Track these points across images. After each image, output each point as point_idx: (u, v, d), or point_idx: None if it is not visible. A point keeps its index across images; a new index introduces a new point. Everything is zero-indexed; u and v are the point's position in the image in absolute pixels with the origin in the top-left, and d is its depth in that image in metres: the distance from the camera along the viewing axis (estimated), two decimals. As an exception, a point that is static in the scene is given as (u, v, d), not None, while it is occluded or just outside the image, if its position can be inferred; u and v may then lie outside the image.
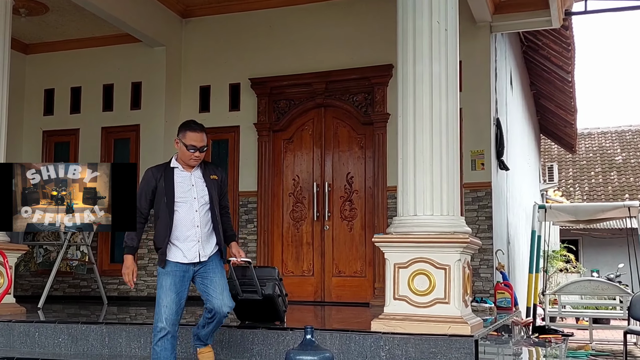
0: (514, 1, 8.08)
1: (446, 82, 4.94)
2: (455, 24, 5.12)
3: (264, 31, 9.04)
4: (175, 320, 4.35)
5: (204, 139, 4.52)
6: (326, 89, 8.73)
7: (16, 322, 5.69)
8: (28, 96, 9.83)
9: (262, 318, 5.34)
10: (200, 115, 9.13)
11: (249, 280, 5.19)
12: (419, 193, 4.87)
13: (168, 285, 4.37)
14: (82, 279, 9.09)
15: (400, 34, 5.10)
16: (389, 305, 4.84)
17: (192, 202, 4.47)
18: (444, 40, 4.95)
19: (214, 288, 4.46)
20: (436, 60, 4.92)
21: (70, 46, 9.68)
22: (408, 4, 5.03)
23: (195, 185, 4.51)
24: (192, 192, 4.49)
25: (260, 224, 8.82)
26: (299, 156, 8.89)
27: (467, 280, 4.89)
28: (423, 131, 4.89)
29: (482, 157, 8.12)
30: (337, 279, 8.56)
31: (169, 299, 4.33)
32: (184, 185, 4.49)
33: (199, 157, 4.50)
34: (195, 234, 4.44)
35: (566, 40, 10.83)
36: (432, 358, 4.49)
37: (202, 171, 4.57)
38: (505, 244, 9.36)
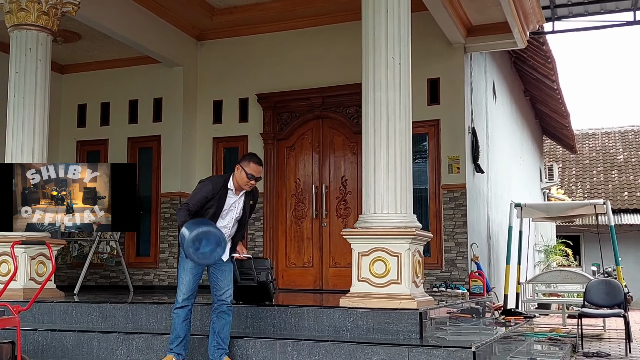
0: (482, 26, 9.14)
1: (400, 106, 6.07)
2: (407, 59, 6.24)
3: (269, 52, 10.16)
4: (191, 296, 5.40)
5: (261, 172, 5.49)
6: (323, 102, 9.85)
7: (57, 303, 6.94)
8: (64, 110, 11.06)
9: (255, 300, 6.38)
10: (214, 126, 10.35)
11: (247, 270, 6.21)
12: (377, 195, 6.01)
13: (188, 268, 5.37)
14: (111, 271, 10.35)
15: (363, 67, 6.25)
16: (354, 286, 5.99)
17: (228, 219, 5.44)
18: (398, 72, 6.09)
19: (224, 282, 5.44)
20: (391, 88, 6.06)
21: (100, 67, 10.90)
22: (369, 43, 6.19)
23: (237, 207, 5.46)
24: (231, 213, 5.44)
25: (267, 222, 9.96)
26: (300, 161, 10.02)
27: (418, 265, 6.02)
28: (380, 145, 6.03)
29: (457, 162, 9.20)
30: (333, 269, 9.65)
31: (187, 279, 5.38)
32: (228, 206, 5.41)
33: (253, 185, 5.46)
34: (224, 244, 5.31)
35: (545, 54, 11.87)
36: (386, 327, 5.60)
37: (245, 197, 5.51)
38: (485, 239, 10.45)
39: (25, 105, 7.58)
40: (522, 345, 7.34)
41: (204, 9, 9.74)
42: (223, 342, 5.41)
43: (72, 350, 6.11)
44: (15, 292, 6.85)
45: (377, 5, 6.20)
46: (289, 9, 9.69)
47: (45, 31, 7.68)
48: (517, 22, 8.68)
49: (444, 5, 8.15)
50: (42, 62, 7.75)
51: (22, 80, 7.58)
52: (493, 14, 8.79)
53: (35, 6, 7.49)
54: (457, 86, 9.29)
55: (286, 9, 9.70)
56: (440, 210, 9.21)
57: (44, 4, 7.54)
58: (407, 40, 6.21)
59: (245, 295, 6.41)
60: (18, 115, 7.57)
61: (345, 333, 5.70)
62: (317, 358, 5.36)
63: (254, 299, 6.41)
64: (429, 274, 9.06)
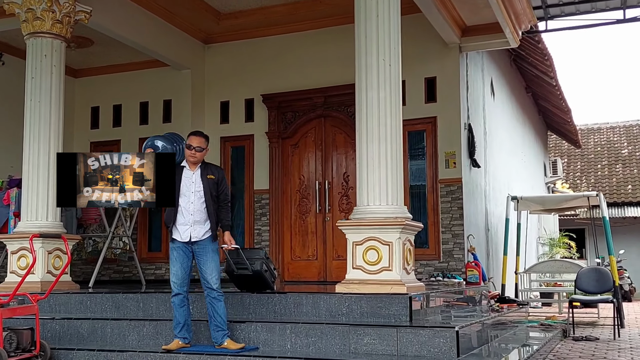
0: (476, 26, 9.50)
1: (390, 105, 6.46)
2: (397, 60, 6.62)
3: (274, 54, 10.57)
4: (182, 284, 5.83)
5: (200, 142, 5.84)
6: (325, 102, 10.25)
7: (72, 294, 7.40)
8: (78, 113, 11.52)
9: (256, 288, 6.74)
10: (221, 126, 10.77)
11: (242, 262, 6.57)
12: (370, 188, 6.41)
13: (173, 258, 5.88)
14: (124, 266, 10.82)
15: (356, 68, 6.65)
16: (349, 273, 6.40)
17: (189, 193, 5.82)
18: (389, 73, 6.48)
19: (206, 269, 5.80)
20: (382, 88, 6.46)
21: (112, 70, 11.37)
22: (361, 46, 6.60)
23: (195, 182, 5.85)
24: (192, 187, 5.83)
25: (272, 217, 10.37)
26: (303, 159, 10.42)
27: (409, 253, 6.42)
28: (372, 142, 6.43)
29: (454, 157, 9.57)
30: (336, 262, 10.02)
31: (175, 269, 5.85)
32: (186, 182, 5.83)
33: (195, 155, 5.82)
34: (188, 220, 5.80)
35: (542, 52, 12.20)
36: (378, 311, 6.00)
37: (201, 171, 5.89)
38: (483, 231, 10.82)
39: (41, 109, 8.03)
40: (512, 330, 7.73)
41: (210, 13, 10.16)
42: (221, 325, 5.81)
43: (87, 337, 6.57)
44: (33, 284, 7.32)
45: (368, 10, 6.60)
46: (292, 12, 10.08)
47: (59, 38, 8.14)
48: (509, 22, 9.04)
49: (437, 7, 8.52)
50: (56, 67, 8.19)
51: (37, 85, 8.04)
52: (486, 14, 9.11)
53: (49, 15, 7.95)
54: (453, 84, 9.65)
55: (289, 12, 10.08)
56: (438, 203, 9.58)
57: (58, 12, 7.99)
58: (397, 43, 6.60)
59: (246, 284, 6.78)
60: (34, 118, 8.02)
61: (341, 317, 6.11)
62: (313, 339, 5.78)
63: (255, 288, 6.76)
64: (427, 265, 9.46)
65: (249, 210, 10.52)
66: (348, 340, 5.67)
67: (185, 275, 5.91)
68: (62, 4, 8.01)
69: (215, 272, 5.85)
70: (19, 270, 7.71)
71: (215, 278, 5.84)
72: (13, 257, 7.86)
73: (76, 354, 6.13)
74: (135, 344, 6.31)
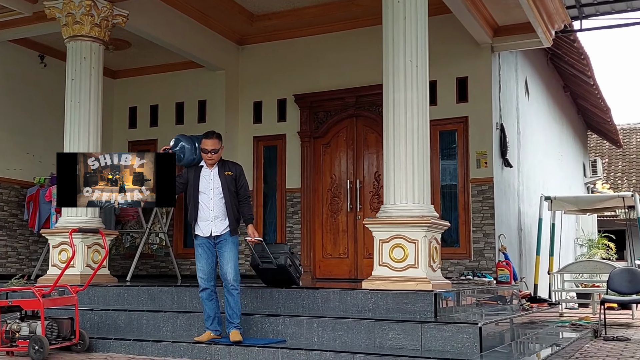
0: (508, 26, 9.50)
1: (417, 105, 6.57)
2: (424, 62, 6.72)
3: (306, 55, 10.73)
4: (208, 279, 6.00)
5: (214, 144, 5.96)
6: (356, 102, 10.37)
7: (110, 287, 7.70)
8: (116, 113, 11.87)
9: (282, 283, 6.89)
10: (254, 125, 10.98)
11: (266, 255, 6.72)
12: (397, 187, 6.54)
13: (198, 254, 6.07)
14: (161, 261, 11.11)
15: (384, 70, 6.79)
16: (376, 270, 6.53)
17: (208, 192, 5.99)
18: (416, 75, 6.59)
19: (223, 260, 5.97)
20: (409, 89, 6.57)
21: (148, 72, 11.68)
22: (388, 47, 6.72)
23: (213, 179, 6.01)
24: (209, 185, 6.00)
25: (304, 215, 10.54)
26: (335, 158, 10.56)
27: (435, 251, 6.51)
28: (399, 142, 6.55)
29: (485, 156, 9.61)
30: (367, 260, 10.05)
31: (201, 264, 6.04)
32: (205, 180, 6.01)
33: (211, 157, 5.98)
34: (208, 216, 5.97)
35: (578, 51, 12.12)
36: (404, 307, 6.11)
37: (219, 168, 6.05)
38: (515, 231, 10.81)
39: (81, 110, 8.33)
40: (542, 329, 7.75)
41: (244, 15, 10.37)
42: (231, 317, 5.95)
43: (123, 328, 6.83)
44: (73, 277, 7.60)
45: (395, 13, 6.73)
46: (324, 13, 10.21)
47: (97, 41, 8.43)
48: (541, 22, 9.03)
49: (467, 8, 8.56)
50: (95, 69, 8.50)
51: (77, 87, 8.34)
52: (518, 14, 9.09)
53: (88, 19, 8.24)
54: (484, 84, 9.68)
55: (321, 14, 10.22)
56: (469, 203, 9.63)
57: (97, 16, 8.28)
58: (424, 45, 6.70)
59: (271, 279, 6.92)
60: (74, 119, 8.33)
61: (367, 312, 6.24)
62: (339, 333, 5.92)
63: (281, 283, 6.90)
64: (458, 264, 9.52)
65: (281, 208, 10.71)
66: (373, 334, 5.80)
67: (211, 270, 6.08)
68: (101, 8, 8.29)
69: (231, 265, 5.99)
70: (59, 263, 8.02)
71: (232, 270, 5.97)
72: (54, 250, 8.19)
73: (113, 344, 6.39)
74: (169, 335, 6.54)
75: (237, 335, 5.92)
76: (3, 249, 10.03)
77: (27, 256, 10.36)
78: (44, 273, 8.65)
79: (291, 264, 6.84)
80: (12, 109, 10.26)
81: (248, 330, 6.31)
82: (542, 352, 5.73)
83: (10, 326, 6.33)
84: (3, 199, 10.07)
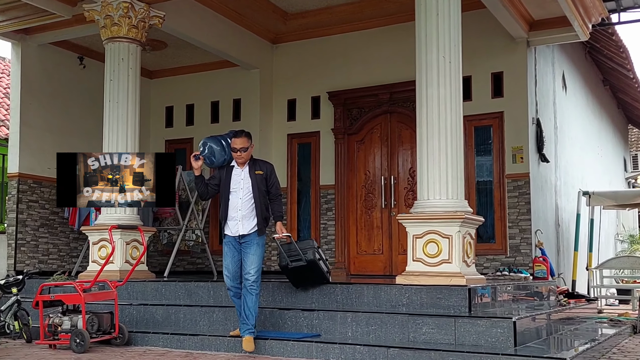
0: (544, 20, 9.39)
1: (450, 101, 6.57)
2: (458, 57, 6.70)
3: (339, 52, 10.77)
4: (234, 277, 6.02)
5: (243, 142, 5.98)
6: (390, 98, 10.37)
7: (148, 282, 7.85)
8: (153, 112, 12.05)
9: (312, 282, 6.72)
10: (288, 123, 11.06)
11: (295, 252, 6.57)
12: (430, 183, 6.55)
13: (226, 252, 6.09)
14: (197, 257, 11.26)
15: (417, 66, 6.80)
16: (409, 265, 6.55)
17: (238, 191, 6.01)
18: (449, 71, 6.59)
19: (247, 260, 5.97)
20: (442, 85, 6.58)
21: (184, 71, 11.83)
22: (421, 43, 6.73)
23: (243, 179, 6.05)
24: (239, 184, 6.03)
25: (338, 212, 10.59)
26: (369, 154, 10.59)
27: (469, 246, 6.50)
28: (432, 137, 6.57)
29: (521, 152, 9.53)
30: (402, 256, 10.03)
31: (227, 262, 6.06)
32: (235, 179, 6.04)
33: (241, 156, 6.01)
34: (237, 216, 5.99)
35: (617, 44, 11.92)
36: (438, 302, 6.12)
37: (249, 167, 6.09)
38: (552, 226, 10.70)
39: (119, 109, 8.50)
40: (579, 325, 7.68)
41: (277, 14, 10.45)
42: (247, 319, 5.93)
43: (161, 322, 6.97)
44: (112, 272, 7.77)
45: (428, 9, 6.73)
46: (357, 11, 10.25)
47: (135, 42, 8.60)
48: (577, 15, 8.91)
49: (502, 3, 8.49)
50: (132, 70, 8.67)
51: (115, 87, 8.52)
52: (553, 8, 8.97)
53: (126, 21, 8.41)
54: (520, 79, 9.58)
55: (354, 11, 10.26)
56: (505, 198, 9.56)
57: (134, 18, 8.44)
58: (457, 40, 6.69)
59: (301, 278, 6.69)
60: (113, 118, 8.51)
61: (401, 307, 6.26)
62: (373, 328, 5.96)
63: (311, 281, 6.73)
64: (494, 259, 9.46)
65: (315, 205, 10.77)
66: (407, 329, 5.82)
67: (237, 269, 6.08)
68: (138, 10, 8.45)
69: (255, 265, 5.98)
70: (99, 259, 8.20)
71: (254, 271, 5.96)
72: (94, 247, 8.38)
73: (151, 337, 6.54)
74: (205, 329, 6.66)
75: (251, 343, 5.86)
76: (45, 246, 10.29)
77: (67, 253, 10.61)
78: (84, 269, 8.85)
79: (320, 258, 6.72)
80: (52, 110, 10.51)
81: (283, 325, 6.40)
82: (578, 347, 5.67)
83: (53, 320, 6.53)
84: (44, 197, 10.32)
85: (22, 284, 7.06)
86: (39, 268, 9.94)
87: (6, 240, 9.90)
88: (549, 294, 8.99)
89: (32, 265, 9.95)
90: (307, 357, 5.80)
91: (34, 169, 10.16)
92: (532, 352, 5.20)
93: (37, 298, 6.60)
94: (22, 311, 6.87)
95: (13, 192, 10.00)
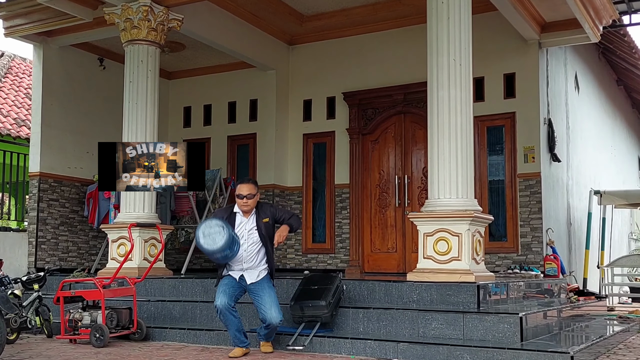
0: (555, 22, 9.49)
1: (460, 103, 6.72)
2: (468, 60, 6.85)
3: (354, 54, 10.92)
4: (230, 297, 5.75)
5: (250, 189, 5.75)
6: (405, 98, 10.51)
7: (166, 279, 8.05)
8: (171, 113, 12.27)
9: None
10: (304, 123, 11.24)
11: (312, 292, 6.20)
12: (440, 182, 6.70)
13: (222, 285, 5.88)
14: (214, 255, 11.43)
15: (428, 68, 6.95)
16: (420, 263, 6.71)
17: (242, 243, 5.75)
18: (459, 73, 6.73)
19: (264, 303, 5.69)
20: (452, 87, 6.72)
21: (202, 73, 12.05)
22: (432, 46, 6.88)
23: (250, 230, 5.79)
24: (244, 235, 5.79)
25: (352, 211, 10.75)
26: (383, 154, 10.73)
27: (478, 244, 6.64)
28: (443, 138, 6.71)
29: (532, 151, 9.64)
30: (415, 254, 9.90)
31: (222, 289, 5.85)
32: (240, 230, 5.78)
33: (247, 203, 5.76)
34: (239, 268, 5.85)
35: (629, 45, 11.98)
36: (447, 298, 6.27)
37: (256, 216, 5.80)
38: (564, 225, 10.79)
39: (138, 111, 8.72)
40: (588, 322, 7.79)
41: (294, 16, 10.63)
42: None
43: (178, 318, 7.18)
44: (131, 270, 7.98)
45: (439, 12, 6.88)
46: (372, 13, 10.40)
47: (154, 45, 8.81)
48: (587, 18, 9.01)
49: (513, 5, 8.60)
50: (151, 71, 8.87)
51: (135, 88, 8.73)
52: (565, 11, 9.06)
53: (145, 24, 8.62)
54: (532, 80, 9.69)
55: (369, 13, 10.41)
56: (516, 197, 9.68)
57: (153, 21, 8.66)
58: (467, 43, 6.84)
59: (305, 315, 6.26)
60: (132, 119, 8.72)
61: (411, 304, 6.41)
62: (384, 323, 6.13)
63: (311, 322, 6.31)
64: (505, 257, 9.59)
65: (330, 204, 10.94)
66: (417, 324, 5.99)
67: (235, 292, 5.91)
68: (157, 13, 8.66)
69: (275, 307, 5.74)
70: (118, 257, 8.42)
71: (276, 313, 5.73)
72: (113, 245, 8.60)
73: (169, 332, 6.74)
74: (221, 325, 6.75)
75: (269, 345, 5.92)
76: (64, 244, 10.54)
77: (87, 251, 10.85)
78: (102, 267, 9.08)
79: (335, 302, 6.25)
80: (73, 110, 10.75)
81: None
82: (584, 342, 5.80)
83: (73, 315, 6.75)
84: (65, 196, 10.57)
85: (43, 281, 7.22)
86: (59, 265, 10.19)
87: (27, 238, 10.14)
88: (560, 291, 9.10)
89: (52, 262, 10.19)
90: (320, 352, 5.98)
91: (54, 168, 10.41)
92: (538, 346, 5.34)
93: (58, 294, 6.81)
94: (43, 307, 7.04)
95: (34, 191, 10.24)
